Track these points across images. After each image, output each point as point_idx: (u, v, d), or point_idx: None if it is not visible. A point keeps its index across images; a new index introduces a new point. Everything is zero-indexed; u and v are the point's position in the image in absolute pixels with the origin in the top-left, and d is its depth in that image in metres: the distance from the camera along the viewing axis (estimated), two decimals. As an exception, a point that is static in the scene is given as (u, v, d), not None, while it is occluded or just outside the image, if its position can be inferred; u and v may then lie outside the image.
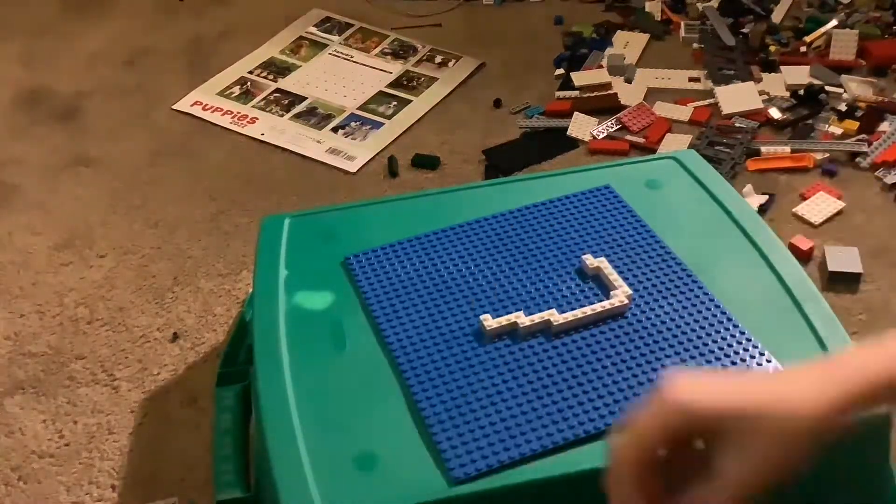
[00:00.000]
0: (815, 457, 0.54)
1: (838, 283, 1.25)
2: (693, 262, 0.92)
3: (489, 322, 0.84)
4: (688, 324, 0.85)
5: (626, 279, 0.89)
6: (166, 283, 1.31)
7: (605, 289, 0.88)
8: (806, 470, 0.54)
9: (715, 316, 0.85)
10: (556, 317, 0.84)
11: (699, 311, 0.86)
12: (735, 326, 0.84)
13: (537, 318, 0.84)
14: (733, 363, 0.81)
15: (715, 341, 0.83)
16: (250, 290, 1.23)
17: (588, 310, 0.85)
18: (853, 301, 1.23)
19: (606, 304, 0.86)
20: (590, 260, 0.91)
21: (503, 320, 0.84)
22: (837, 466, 0.79)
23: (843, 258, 1.27)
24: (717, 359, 0.81)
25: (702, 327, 0.84)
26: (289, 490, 0.73)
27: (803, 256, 1.28)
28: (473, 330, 0.85)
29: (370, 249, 0.95)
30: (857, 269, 1.26)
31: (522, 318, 0.84)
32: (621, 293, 0.86)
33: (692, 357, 0.81)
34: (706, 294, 0.88)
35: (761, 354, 0.81)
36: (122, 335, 1.24)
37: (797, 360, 0.80)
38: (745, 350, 0.82)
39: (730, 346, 0.82)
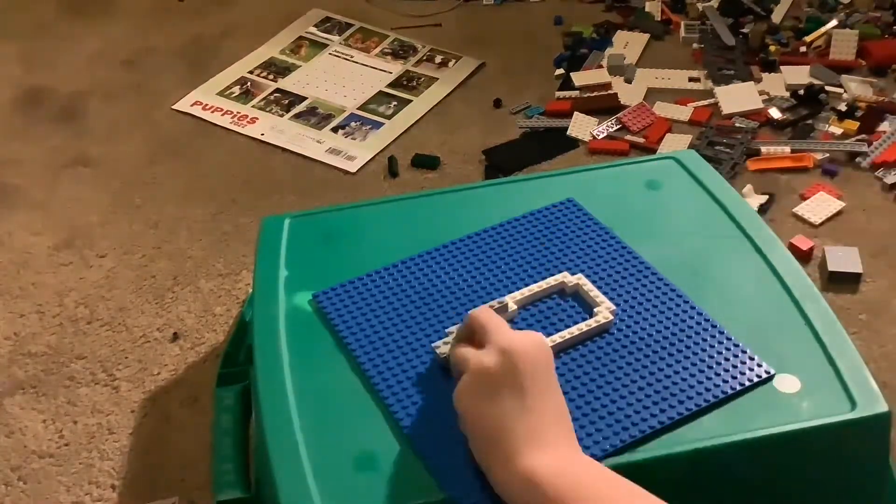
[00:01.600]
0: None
1: (838, 283, 1.25)
2: (692, 262, 0.92)
3: None
4: (674, 334, 0.83)
5: (605, 294, 0.87)
6: (166, 283, 1.31)
7: (586, 306, 0.86)
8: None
9: (700, 325, 0.84)
10: None
11: (684, 322, 0.84)
12: (721, 333, 0.83)
13: None
14: (725, 370, 0.79)
15: (704, 349, 0.81)
16: (250, 290, 1.24)
17: (575, 330, 0.83)
18: (853, 301, 1.23)
19: (592, 323, 0.83)
20: (567, 278, 0.89)
21: None
22: (837, 465, 0.79)
23: (843, 258, 1.27)
24: (710, 367, 0.80)
25: (689, 336, 0.83)
26: (289, 490, 0.73)
27: (803, 256, 1.28)
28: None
29: (339, 284, 0.92)
30: (857, 269, 1.26)
31: None
32: (605, 309, 0.84)
33: (684, 368, 0.80)
34: (688, 303, 0.86)
35: (751, 359, 0.80)
36: (122, 335, 1.24)
37: (797, 359, 0.81)
38: (736, 356, 0.81)
39: (719, 353, 0.81)
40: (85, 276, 1.34)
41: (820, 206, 1.38)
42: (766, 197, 1.39)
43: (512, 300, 0.87)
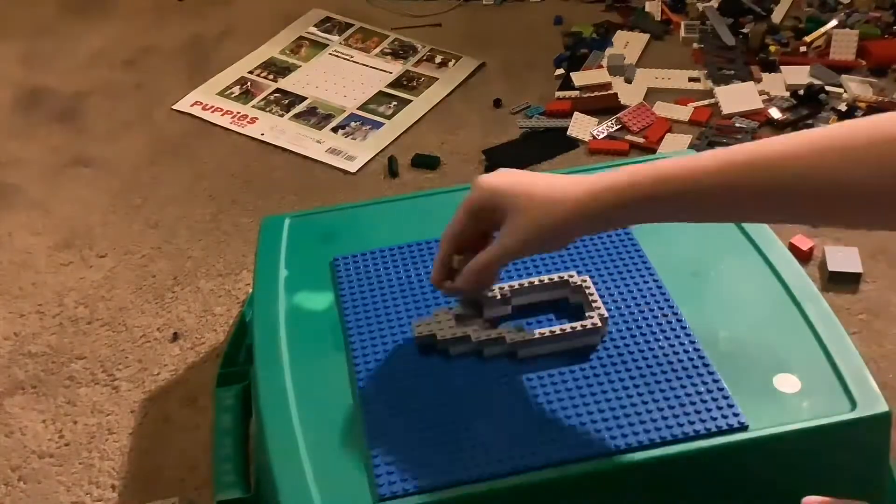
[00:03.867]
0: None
1: (838, 283, 1.25)
2: (692, 262, 0.92)
3: (443, 333, 0.81)
4: (660, 364, 0.81)
5: (605, 304, 0.85)
6: (166, 283, 1.31)
7: (581, 314, 0.84)
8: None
9: (688, 353, 0.81)
10: (513, 335, 0.81)
11: (674, 350, 0.82)
12: (706, 367, 0.80)
13: (495, 333, 0.81)
14: (697, 411, 0.76)
15: (684, 386, 0.78)
16: (250, 290, 1.24)
17: (563, 328, 0.81)
18: (853, 301, 1.23)
19: (577, 325, 0.81)
20: (574, 278, 0.87)
21: (458, 332, 0.81)
22: (837, 465, 0.79)
23: (843, 258, 1.27)
24: (682, 405, 0.77)
25: (674, 370, 0.80)
26: (289, 490, 0.73)
27: (803, 256, 1.28)
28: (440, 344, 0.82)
29: (359, 253, 0.94)
30: (857, 269, 1.26)
31: (479, 332, 0.81)
32: (596, 315, 0.82)
33: (666, 398, 0.77)
34: (685, 329, 0.84)
35: (730, 406, 0.77)
36: (122, 335, 1.24)
37: (797, 359, 0.81)
38: (715, 400, 0.77)
39: (699, 392, 0.78)
40: (85, 276, 1.34)
41: (820, 206, 1.38)
42: (766, 197, 1.39)
43: (506, 291, 0.86)
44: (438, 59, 1.79)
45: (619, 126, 1.56)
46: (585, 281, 0.87)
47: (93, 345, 1.23)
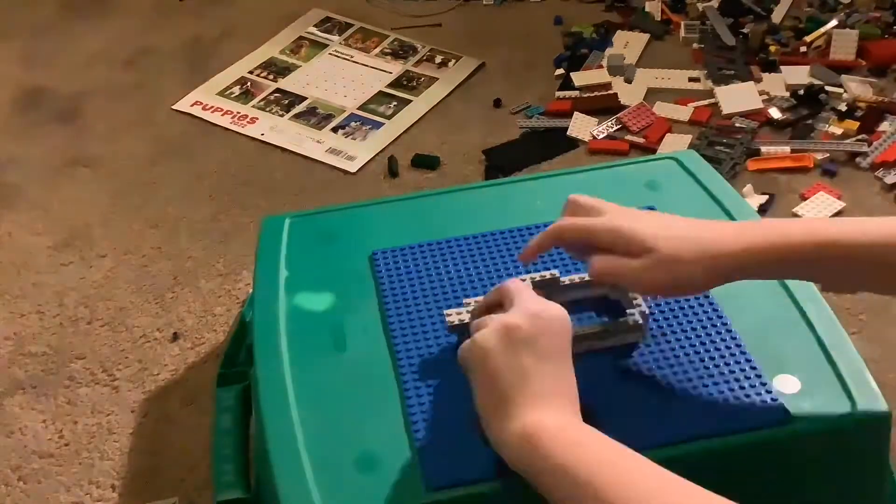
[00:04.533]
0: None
1: (838, 283, 1.25)
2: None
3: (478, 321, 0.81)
4: (702, 359, 0.81)
5: (646, 301, 0.85)
6: (166, 283, 1.31)
7: (619, 312, 0.85)
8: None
9: (729, 348, 0.82)
10: None
11: (713, 343, 0.82)
12: (750, 363, 0.80)
13: None
14: (742, 408, 0.77)
15: (727, 382, 0.79)
16: (250, 290, 1.24)
17: (598, 327, 0.81)
18: (853, 301, 1.23)
19: (620, 322, 0.82)
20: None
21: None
22: (837, 465, 0.79)
23: (843, 258, 1.27)
24: (726, 400, 0.77)
25: (716, 365, 0.80)
26: (289, 490, 0.73)
27: (803, 256, 1.28)
28: None
29: (398, 247, 0.94)
30: (857, 269, 1.26)
31: None
32: (637, 312, 0.82)
33: (709, 394, 0.78)
34: (725, 325, 0.84)
35: (773, 400, 0.77)
36: (122, 335, 1.24)
37: (797, 359, 0.81)
38: (759, 395, 0.77)
39: (742, 388, 0.78)
40: (85, 276, 1.34)
41: (820, 206, 1.38)
42: (766, 197, 1.39)
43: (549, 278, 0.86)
44: (438, 59, 1.79)
45: (619, 126, 1.56)
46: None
47: (93, 345, 1.23)
